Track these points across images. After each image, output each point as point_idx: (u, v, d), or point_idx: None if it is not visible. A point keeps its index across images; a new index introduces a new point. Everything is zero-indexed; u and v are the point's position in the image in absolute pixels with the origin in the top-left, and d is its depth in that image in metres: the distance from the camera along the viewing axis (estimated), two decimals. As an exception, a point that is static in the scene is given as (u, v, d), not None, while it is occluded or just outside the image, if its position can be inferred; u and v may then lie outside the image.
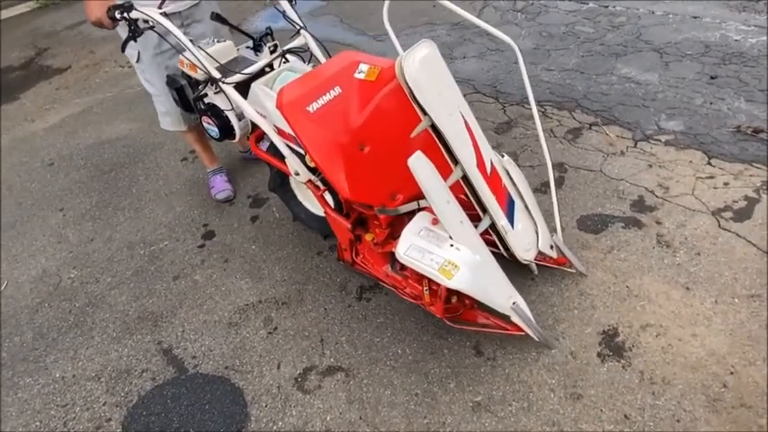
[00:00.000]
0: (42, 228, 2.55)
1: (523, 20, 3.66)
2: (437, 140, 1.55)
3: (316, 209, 2.12)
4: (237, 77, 1.73)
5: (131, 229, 2.44)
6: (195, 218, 2.44)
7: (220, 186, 2.51)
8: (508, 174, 1.72)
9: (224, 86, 1.69)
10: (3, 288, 2.25)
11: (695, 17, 3.31)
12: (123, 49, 1.83)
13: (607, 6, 3.64)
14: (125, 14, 1.66)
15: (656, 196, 2.05)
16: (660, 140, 2.34)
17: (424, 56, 1.49)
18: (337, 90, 1.58)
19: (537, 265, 1.83)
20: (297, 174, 1.76)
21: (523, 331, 1.58)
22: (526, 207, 1.75)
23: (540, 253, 1.74)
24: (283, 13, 1.93)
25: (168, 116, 2.35)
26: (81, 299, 2.13)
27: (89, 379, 1.80)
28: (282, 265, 2.10)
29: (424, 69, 1.48)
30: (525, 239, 1.71)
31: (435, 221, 1.55)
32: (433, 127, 1.53)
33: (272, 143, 1.98)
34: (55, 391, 1.77)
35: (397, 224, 1.75)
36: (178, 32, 1.63)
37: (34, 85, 4.07)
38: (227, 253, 2.21)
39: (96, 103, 3.62)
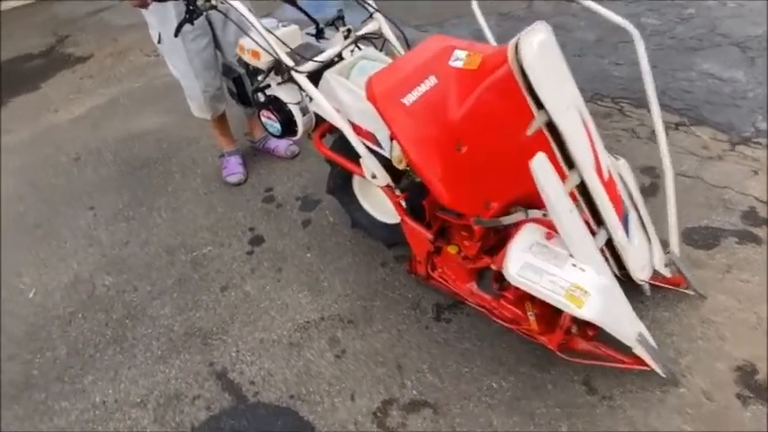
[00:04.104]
0: (72, 228, 2.34)
1: (580, 10, 3.41)
2: (551, 140, 1.32)
3: (381, 215, 1.90)
4: (311, 65, 1.50)
5: (170, 231, 2.22)
6: (240, 220, 2.22)
7: (233, 168, 2.40)
8: (622, 180, 1.49)
9: (297, 76, 1.47)
10: (31, 295, 2.05)
11: (772, 9, 3.05)
12: (177, 34, 1.61)
13: (671, -3, 3.38)
14: None
15: (771, 207, 1.81)
16: (761, 144, 2.09)
17: (543, 40, 1.26)
18: (432, 80, 1.36)
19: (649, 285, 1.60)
20: (374, 177, 1.54)
21: (645, 365, 1.36)
22: (640, 219, 1.53)
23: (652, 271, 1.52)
24: (354, -6, 1.70)
25: (193, 101, 2.22)
26: (118, 310, 1.91)
27: (134, 405, 1.59)
28: (343, 277, 1.88)
29: (543, 56, 1.26)
30: (641, 256, 1.48)
31: (550, 236, 1.32)
32: (548, 124, 1.30)
33: (336, 140, 1.77)
34: (96, 419, 1.57)
35: (488, 236, 1.53)
36: (247, 12, 1.41)
37: (56, 74, 3.86)
38: (280, 261, 1.99)
39: (123, 93, 3.41)
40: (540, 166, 1.19)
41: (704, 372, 1.39)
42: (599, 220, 1.39)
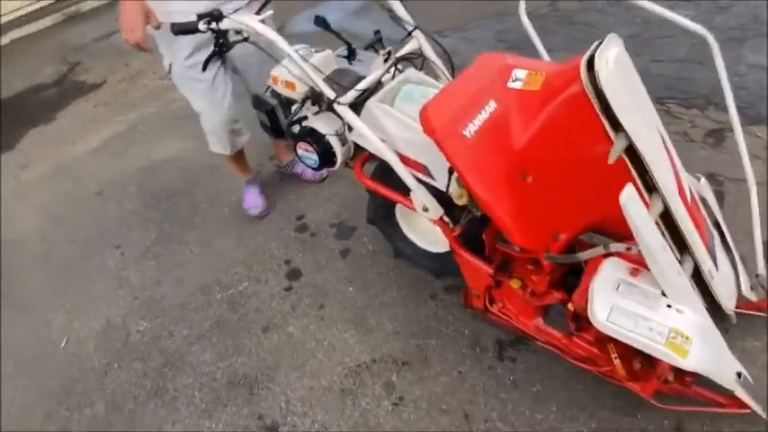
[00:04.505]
0: (100, 269, 2.26)
1: (606, 6, 3.25)
2: (629, 164, 1.19)
3: (427, 244, 1.77)
4: (353, 95, 1.39)
5: (202, 268, 2.13)
6: (274, 253, 2.11)
7: (252, 201, 2.28)
8: (705, 201, 1.36)
9: (339, 108, 1.36)
10: (63, 345, 1.96)
11: (816, -8, 2.87)
12: (205, 68, 1.51)
13: (703, -15, 3.21)
14: (212, 25, 1.33)
15: None
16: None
17: (618, 56, 1.14)
18: (492, 105, 1.24)
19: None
20: (425, 210, 1.42)
21: (745, 407, 1.22)
22: (723, 241, 1.39)
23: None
24: (390, 12, 1.58)
25: (212, 136, 2.07)
26: (156, 358, 1.82)
27: (182, 467, 1.49)
28: (390, 313, 1.76)
29: (620, 74, 1.13)
30: (729, 283, 1.35)
31: (636, 272, 1.19)
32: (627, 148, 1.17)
33: (376, 168, 1.66)
34: (143, 484, 1.47)
35: (556, 269, 1.40)
36: (283, 42, 1.30)
37: (70, 103, 3.80)
38: (321, 297, 1.88)
39: (140, 120, 3.33)
40: (630, 200, 1.06)
41: (812, 411, 1.25)
42: (682, 247, 1.27)
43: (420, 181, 1.41)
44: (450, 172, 1.26)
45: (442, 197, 1.41)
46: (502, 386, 1.47)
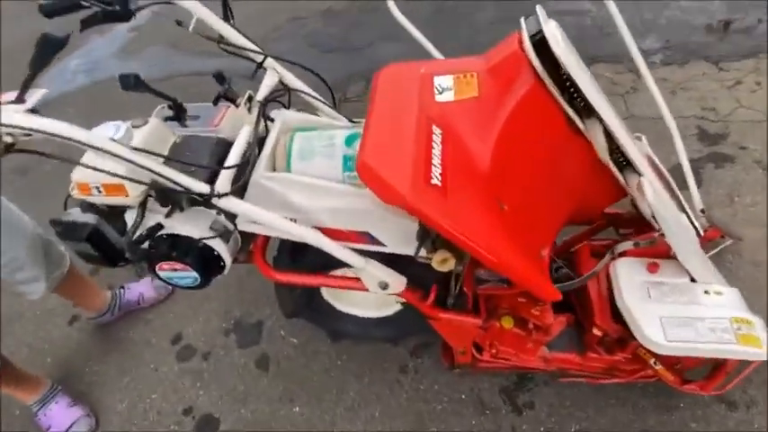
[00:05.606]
0: None
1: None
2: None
3: (372, 311, 1.40)
4: (229, 176, 0.91)
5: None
6: (162, 408, 1.48)
7: (64, 419, 1.44)
8: (650, 159, 1.28)
9: (223, 202, 0.88)
10: None
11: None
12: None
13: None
14: None
15: (713, 121, 1.81)
16: (656, 62, 2.13)
17: (560, 29, 0.95)
18: (438, 132, 0.92)
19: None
20: (385, 287, 1.05)
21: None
22: (672, 192, 1.34)
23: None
24: (220, 43, 1.12)
25: None
26: None
27: None
28: (365, 416, 1.35)
29: (572, 51, 0.94)
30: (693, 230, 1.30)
31: (654, 267, 1.03)
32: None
33: (280, 251, 1.22)
34: None
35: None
36: (89, 135, 0.76)
37: None
38: (263, 438, 1.37)
39: None
40: (653, 190, 0.87)
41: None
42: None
43: (362, 252, 1.03)
44: (423, 237, 0.91)
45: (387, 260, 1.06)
46: (540, 444, 1.22)
